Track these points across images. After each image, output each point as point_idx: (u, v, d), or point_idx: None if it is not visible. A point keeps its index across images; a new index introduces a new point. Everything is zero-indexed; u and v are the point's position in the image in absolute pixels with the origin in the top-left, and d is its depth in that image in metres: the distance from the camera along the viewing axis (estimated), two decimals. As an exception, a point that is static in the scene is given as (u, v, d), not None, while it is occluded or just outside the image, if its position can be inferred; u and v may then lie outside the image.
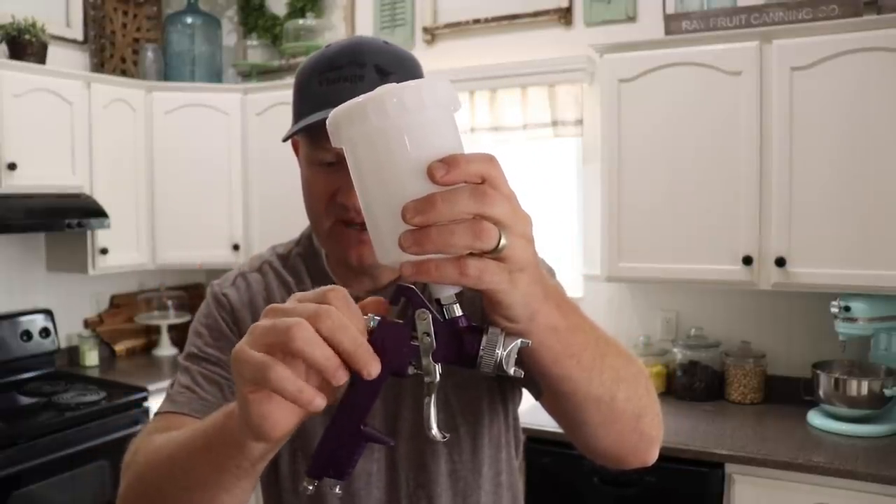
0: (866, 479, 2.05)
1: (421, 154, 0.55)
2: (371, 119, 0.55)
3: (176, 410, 0.94)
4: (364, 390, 0.62)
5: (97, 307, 3.54)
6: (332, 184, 0.91)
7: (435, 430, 0.63)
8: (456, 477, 0.99)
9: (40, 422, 2.62)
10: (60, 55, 3.24)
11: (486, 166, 0.57)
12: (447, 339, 0.62)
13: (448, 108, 0.58)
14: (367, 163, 0.58)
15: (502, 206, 0.57)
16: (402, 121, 0.55)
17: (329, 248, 1.01)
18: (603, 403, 0.76)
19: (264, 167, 3.39)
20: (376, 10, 3.47)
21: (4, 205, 2.74)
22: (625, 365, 0.77)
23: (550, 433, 2.38)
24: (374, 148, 0.57)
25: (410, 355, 0.62)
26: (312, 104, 0.90)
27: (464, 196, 0.55)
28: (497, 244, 0.56)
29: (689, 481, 2.27)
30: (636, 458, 0.86)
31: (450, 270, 0.56)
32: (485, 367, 0.62)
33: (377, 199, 0.58)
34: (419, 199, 0.54)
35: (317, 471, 0.64)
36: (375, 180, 0.57)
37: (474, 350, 0.62)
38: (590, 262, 2.99)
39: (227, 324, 1.01)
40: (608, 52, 2.65)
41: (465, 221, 0.55)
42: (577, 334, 0.70)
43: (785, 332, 2.75)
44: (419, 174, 0.55)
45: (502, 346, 0.61)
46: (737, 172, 2.46)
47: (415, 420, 0.98)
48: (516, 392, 1.05)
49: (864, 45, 2.27)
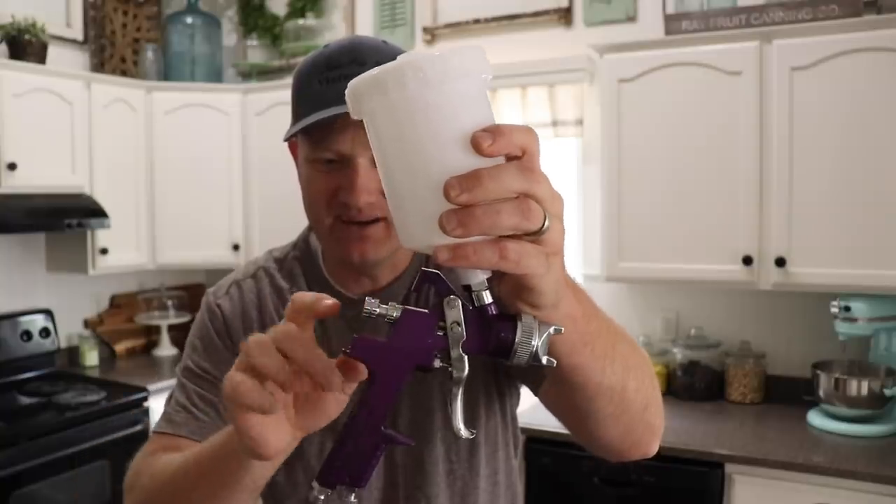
0: (866, 479, 2.05)
1: (452, 126, 0.51)
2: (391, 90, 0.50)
3: (173, 432, 0.96)
4: (384, 388, 0.58)
5: (97, 307, 3.54)
6: (333, 182, 0.91)
7: (462, 428, 0.59)
8: (454, 477, 0.99)
9: (40, 422, 2.62)
10: (60, 55, 3.24)
11: (527, 138, 0.53)
12: (478, 328, 0.57)
13: (478, 77, 0.53)
14: (389, 137, 0.53)
15: (546, 184, 0.53)
16: (427, 92, 0.50)
17: (330, 247, 1.00)
18: (615, 393, 0.74)
19: (264, 167, 3.38)
20: (376, 10, 3.47)
21: (4, 205, 2.74)
22: (632, 353, 0.76)
23: (550, 433, 2.38)
24: (396, 121, 0.51)
25: (436, 347, 0.57)
26: (312, 103, 0.90)
27: (511, 172, 0.51)
28: (542, 225, 0.52)
29: (688, 481, 2.27)
30: (639, 450, 0.85)
31: (489, 254, 0.51)
32: (519, 357, 0.57)
33: (401, 178, 0.53)
34: (463, 175, 0.50)
35: (331, 478, 0.59)
36: (398, 156, 0.52)
37: (509, 340, 0.56)
38: (590, 262, 2.99)
39: (221, 336, 1.02)
40: (608, 52, 2.65)
41: (510, 200, 0.51)
42: (591, 322, 0.67)
43: (785, 332, 2.75)
44: (451, 147, 0.50)
45: (538, 335, 0.57)
46: (737, 172, 2.46)
47: (413, 419, 0.97)
48: (514, 390, 1.05)
49: (864, 45, 2.27)
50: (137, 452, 0.96)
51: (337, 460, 0.59)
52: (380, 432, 0.59)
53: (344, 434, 0.59)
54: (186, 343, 1.05)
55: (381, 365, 0.58)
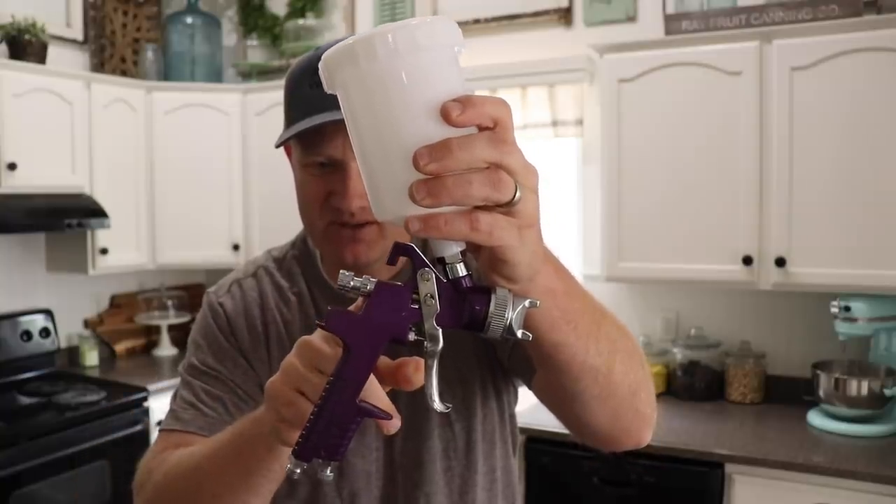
0: (866, 479, 2.05)
1: (422, 96, 0.50)
2: (361, 61, 0.50)
3: (182, 429, 0.96)
4: (359, 361, 0.58)
5: (97, 307, 3.54)
6: (326, 186, 0.91)
7: (437, 401, 0.59)
8: (452, 475, 0.99)
9: (40, 422, 2.62)
10: (60, 55, 3.24)
11: (500, 109, 0.53)
12: (452, 301, 0.57)
13: (449, 48, 0.53)
14: (361, 108, 0.53)
15: (517, 155, 0.53)
16: (398, 61, 0.50)
17: (324, 249, 1.01)
18: (600, 374, 0.73)
19: (264, 167, 3.38)
20: (376, 10, 3.47)
21: (4, 205, 2.74)
22: (620, 337, 0.75)
23: (550, 433, 2.38)
24: (367, 91, 0.51)
25: (410, 320, 0.57)
26: (304, 108, 0.90)
27: (481, 142, 0.51)
28: (513, 196, 0.52)
29: (688, 481, 2.27)
30: (630, 439, 0.84)
31: (460, 225, 0.51)
32: (493, 330, 0.57)
33: (373, 149, 0.53)
34: (433, 145, 0.50)
35: (306, 452, 0.59)
36: (370, 127, 0.52)
37: (482, 312, 0.56)
38: (590, 262, 2.99)
39: (224, 334, 1.02)
40: (608, 52, 2.65)
41: (481, 171, 0.51)
42: (574, 299, 0.67)
43: (785, 332, 2.75)
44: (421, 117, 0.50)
45: (512, 308, 0.57)
46: (737, 172, 2.46)
47: (410, 416, 0.97)
48: (510, 386, 1.05)
49: (864, 45, 2.27)
50: (146, 452, 0.96)
51: (312, 434, 0.59)
52: (355, 405, 0.58)
53: (319, 407, 0.59)
54: (189, 342, 1.05)
55: (355, 338, 0.58)
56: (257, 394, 0.99)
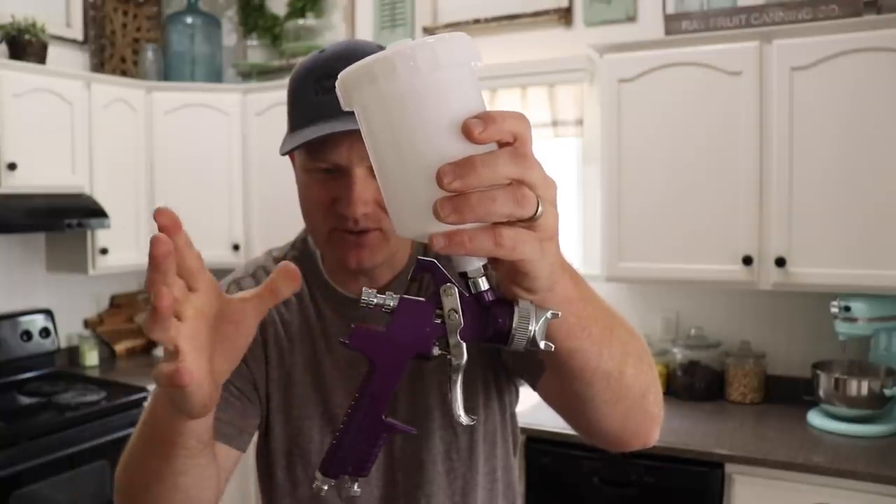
0: (866, 479, 2.05)
1: (443, 114, 0.51)
2: (381, 80, 0.51)
3: None
4: (384, 377, 0.58)
5: (97, 307, 3.54)
6: (330, 192, 0.91)
7: (463, 415, 0.58)
8: (453, 475, 0.99)
9: (40, 422, 2.62)
10: (60, 55, 3.24)
11: (519, 124, 0.53)
12: (475, 315, 0.57)
13: (468, 64, 0.53)
14: (380, 127, 0.53)
15: (538, 169, 0.54)
16: (418, 80, 0.50)
17: (327, 253, 1.01)
18: (612, 378, 0.73)
19: (264, 167, 3.38)
20: (376, 10, 3.47)
21: (4, 205, 2.74)
22: (630, 339, 0.76)
23: (550, 433, 2.38)
24: (387, 110, 0.52)
25: (435, 335, 0.57)
26: (309, 115, 0.90)
27: (504, 158, 0.51)
28: (535, 212, 0.53)
29: (688, 481, 2.27)
30: (638, 439, 0.84)
31: (484, 241, 0.51)
32: (517, 343, 0.57)
33: (393, 167, 0.53)
34: (456, 162, 0.50)
35: (334, 468, 0.59)
36: (390, 144, 0.52)
37: (506, 325, 0.57)
38: (590, 262, 2.99)
39: None
40: (608, 52, 2.65)
41: (503, 187, 0.51)
42: (587, 305, 0.67)
43: (785, 332, 2.75)
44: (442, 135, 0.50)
45: (535, 320, 0.57)
46: (737, 172, 2.46)
47: (411, 418, 0.97)
48: (512, 386, 1.05)
49: (864, 45, 2.27)
50: None
51: (339, 451, 0.59)
52: (381, 421, 0.59)
53: (345, 424, 0.59)
54: None
55: (380, 354, 0.58)
56: (250, 392, 0.99)
